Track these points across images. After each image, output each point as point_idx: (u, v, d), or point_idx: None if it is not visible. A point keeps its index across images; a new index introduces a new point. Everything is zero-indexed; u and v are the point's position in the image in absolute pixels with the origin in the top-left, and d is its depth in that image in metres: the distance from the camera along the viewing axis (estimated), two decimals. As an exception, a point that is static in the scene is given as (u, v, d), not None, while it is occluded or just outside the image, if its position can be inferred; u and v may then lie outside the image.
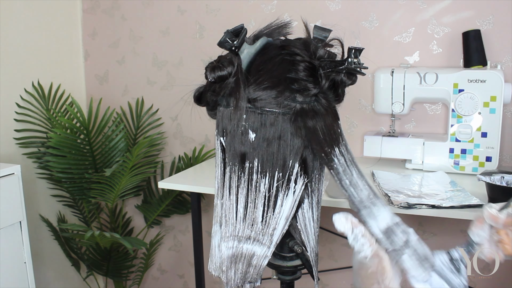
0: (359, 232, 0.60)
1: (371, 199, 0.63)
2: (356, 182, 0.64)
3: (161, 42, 2.06)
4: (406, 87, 1.50)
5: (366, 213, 0.62)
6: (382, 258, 0.59)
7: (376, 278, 0.58)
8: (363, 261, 0.60)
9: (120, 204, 2.20)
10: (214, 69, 0.64)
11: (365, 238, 0.60)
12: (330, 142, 0.63)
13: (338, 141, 0.64)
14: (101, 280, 2.36)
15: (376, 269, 0.59)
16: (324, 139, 0.63)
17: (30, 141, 1.96)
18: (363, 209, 0.63)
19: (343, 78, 0.64)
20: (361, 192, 0.63)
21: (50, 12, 2.06)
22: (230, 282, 0.68)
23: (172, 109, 2.07)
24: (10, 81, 1.89)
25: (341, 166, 0.64)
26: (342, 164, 0.64)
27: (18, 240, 1.57)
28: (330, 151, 0.63)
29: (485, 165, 1.43)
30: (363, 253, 0.60)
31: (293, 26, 0.69)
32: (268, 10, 1.83)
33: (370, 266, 0.59)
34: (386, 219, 0.62)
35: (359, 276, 0.60)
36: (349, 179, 0.64)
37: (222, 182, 0.68)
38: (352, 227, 0.60)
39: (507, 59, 1.53)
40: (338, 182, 0.64)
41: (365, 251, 0.59)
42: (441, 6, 1.59)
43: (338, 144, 0.64)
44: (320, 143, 0.63)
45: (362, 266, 0.60)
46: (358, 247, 0.60)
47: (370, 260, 0.59)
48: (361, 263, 0.60)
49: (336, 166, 0.63)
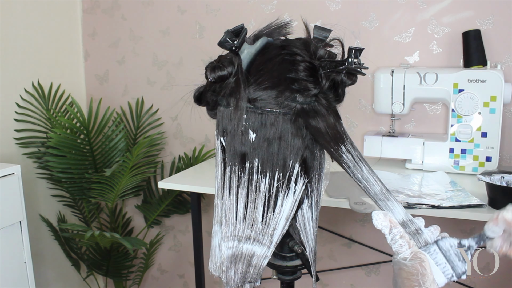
0: (398, 233, 0.60)
1: (384, 194, 0.65)
2: (368, 177, 0.65)
3: (161, 42, 2.06)
4: (406, 87, 1.50)
5: (382, 205, 0.64)
6: (423, 260, 0.60)
7: (417, 280, 0.59)
8: (402, 263, 0.60)
9: (120, 204, 2.20)
10: (214, 69, 0.64)
11: (403, 239, 0.60)
12: (335, 141, 0.64)
13: (343, 139, 0.65)
14: (101, 280, 2.36)
15: (416, 271, 0.59)
16: (328, 138, 0.64)
17: (30, 141, 1.96)
18: (379, 201, 0.65)
19: (343, 78, 0.64)
20: (374, 187, 0.65)
21: (50, 12, 2.06)
22: (230, 282, 0.68)
23: (172, 109, 2.07)
24: (10, 81, 1.89)
25: (351, 162, 0.65)
26: (350, 160, 0.65)
27: (18, 240, 1.57)
28: (336, 148, 0.64)
29: (485, 165, 1.43)
30: (402, 255, 0.60)
31: (293, 26, 0.69)
32: (268, 10, 1.83)
33: (410, 268, 0.59)
34: (401, 214, 0.64)
35: (399, 278, 0.60)
36: (360, 174, 0.65)
37: (222, 182, 0.68)
38: (391, 226, 0.60)
39: (507, 59, 1.53)
40: (351, 175, 0.65)
41: (404, 253, 0.60)
42: (441, 6, 1.59)
43: (343, 142, 0.65)
44: (325, 142, 0.64)
45: (401, 268, 0.60)
46: (396, 248, 0.61)
47: (410, 261, 0.59)
48: (401, 265, 0.60)
49: (346, 161, 0.65)
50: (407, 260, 0.60)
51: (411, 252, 0.60)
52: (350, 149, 0.65)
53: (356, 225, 1.84)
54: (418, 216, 0.66)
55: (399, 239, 0.60)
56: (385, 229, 0.61)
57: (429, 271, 0.59)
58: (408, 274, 0.59)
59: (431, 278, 0.59)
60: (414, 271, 0.59)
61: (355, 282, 1.92)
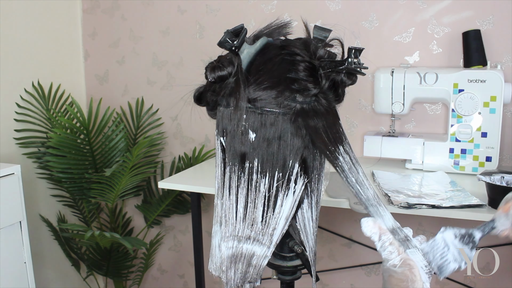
0: (387, 240, 0.60)
1: (376, 199, 0.64)
2: (362, 181, 0.64)
3: (161, 42, 2.06)
4: (406, 87, 1.50)
5: (373, 210, 0.63)
6: (412, 267, 0.59)
7: (407, 286, 0.58)
8: (392, 270, 0.60)
9: (120, 204, 2.20)
10: (214, 69, 0.64)
11: (393, 246, 0.60)
12: (334, 141, 0.64)
13: (342, 139, 0.65)
14: (101, 280, 2.36)
15: (406, 278, 0.59)
16: (327, 138, 0.63)
17: (30, 141, 1.96)
18: (370, 207, 0.64)
19: (343, 78, 0.64)
20: (368, 191, 0.64)
21: (50, 12, 2.06)
22: (230, 282, 0.68)
23: (172, 109, 2.07)
24: (10, 81, 1.89)
25: (347, 164, 0.64)
26: (347, 162, 0.64)
27: (18, 240, 1.57)
28: (334, 149, 0.64)
29: (485, 165, 1.43)
30: (392, 262, 0.60)
31: (293, 26, 0.69)
32: (268, 10, 1.83)
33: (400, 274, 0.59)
34: (390, 220, 0.64)
35: (389, 285, 0.60)
36: (355, 177, 0.64)
37: (222, 182, 0.68)
38: (380, 233, 0.60)
39: (507, 59, 1.53)
40: (344, 180, 0.64)
41: (394, 260, 0.60)
42: (441, 6, 1.59)
43: (342, 142, 0.65)
44: (323, 142, 0.64)
45: (391, 275, 0.60)
46: (385, 255, 0.60)
47: (399, 268, 0.59)
48: (390, 272, 0.60)
49: (342, 164, 0.64)
50: (397, 267, 0.59)
51: (401, 259, 0.60)
52: (348, 150, 0.65)
53: (356, 225, 1.84)
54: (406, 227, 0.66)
55: (388, 246, 0.60)
56: (374, 236, 0.61)
57: (418, 278, 0.59)
58: (398, 281, 0.59)
59: (421, 285, 0.59)
60: (404, 278, 0.59)
61: (355, 282, 1.92)
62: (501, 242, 1.37)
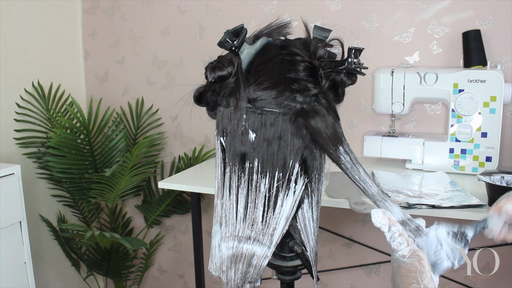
0: (397, 231, 0.61)
1: (381, 195, 0.66)
2: (365, 179, 0.66)
3: (161, 42, 2.06)
4: (406, 87, 1.50)
5: (381, 205, 0.65)
6: (421, 258, 0.60)
7: (416, 277, 0.59)
8: (401, 260, 0.60)
9: (120, 204, 2.20)
10: (214, 69, 0.64)
11: (402, 237, 0.61)
12: (334, 141, 0.64)
13: (341, 140, 0.65)
14: (101, 280, 2.36)
15: (415, 269, 0.59)
16: (328, 138, 0.64)
17: (30, 141, 1.96)
18: (377, 202, 0.65)
19: (343, 78, 0.64)
20: (371, 188, 0.66)
21: (50, 12, 2.06)
22: (230, 282, 0.67)
23: (172, 109, 2.07)
24: (10, 81, 1.89)
25: (348, 164, 0.65)
26: (348, 161, 0.65)
27: (18, 240, 1.57)
28: (335, 149, 0.64)
29: (485, 165, 1.43)
30: (401, 252, 0.61)
31: (293, 26, 0.69)
32: (268, 10, 1.83)
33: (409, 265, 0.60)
34: (399, 213, 0.65)
35: (398, 275, 0.61)
36: (357, 175, 0.65)
37: (222, 182, 0.68)
38: (390, 224, 0.60)
39: (507, 59, 1.53)
40: (350, 177, 0.66)
41: (403, 250, 0.61)
42: (441, 6, 1.59)
43: (341, 143, 0.65)
44: (324, 142, 0.64)
45: (400, 265, 0.61)
46: (395, 246, 0.61)
47: (408, 259, 0.60)
48: (399, 262, 0.61)
49: (344, 163, 0.65)
50: (406, 258, 0.60)
51: (410, 250, 0.60)
52: (348, 151, 0.65)
53: (356, 225, 1.84)
54: (419, 217, 0.66)
55: (398, 237, 0.61)
56: (384, 227, 0.61)
57: (427, 269, 0.60)
58: (407, 272, 0.60)
59: (430, 276, 0.59)
60: (413, 269, 0.59)
61: (355, 282, 1.92)
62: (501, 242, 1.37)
